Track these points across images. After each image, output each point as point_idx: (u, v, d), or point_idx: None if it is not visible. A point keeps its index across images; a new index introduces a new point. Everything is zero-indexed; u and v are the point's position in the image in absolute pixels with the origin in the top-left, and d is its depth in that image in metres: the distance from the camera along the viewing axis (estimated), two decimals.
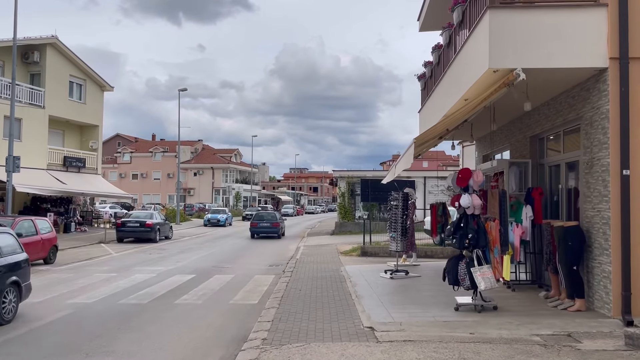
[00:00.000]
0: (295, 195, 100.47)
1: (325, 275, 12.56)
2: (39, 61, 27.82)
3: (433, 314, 7.65)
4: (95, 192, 29.35)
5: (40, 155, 27.25)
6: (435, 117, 11.87)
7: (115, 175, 75.40)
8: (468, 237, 7.56)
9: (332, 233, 29.31)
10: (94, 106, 31.55)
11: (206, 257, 17.92)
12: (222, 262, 16.34)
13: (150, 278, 12.73)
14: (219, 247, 22.24)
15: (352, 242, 22.43)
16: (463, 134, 12.90)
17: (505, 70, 7.30)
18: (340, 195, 31.13)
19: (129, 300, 9.87)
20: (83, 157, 30.59)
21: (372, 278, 11.51)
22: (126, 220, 24.11)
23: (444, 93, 10.51)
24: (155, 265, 15.38)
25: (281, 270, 14.14)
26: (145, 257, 17.81)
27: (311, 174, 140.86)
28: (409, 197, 11.66)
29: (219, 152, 78.74)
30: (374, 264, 14.82)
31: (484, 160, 14.03)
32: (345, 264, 14.94)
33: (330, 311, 8.19)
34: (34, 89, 27.27)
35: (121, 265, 15.31)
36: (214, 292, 10.79)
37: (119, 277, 12.72)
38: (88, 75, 30.92)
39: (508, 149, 11.70)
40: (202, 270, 14.37)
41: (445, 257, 17.39)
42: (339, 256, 17.43)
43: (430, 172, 32.10)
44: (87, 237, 24.92)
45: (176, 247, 21.95)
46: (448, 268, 7.93)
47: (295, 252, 19.74)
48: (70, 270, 14.17)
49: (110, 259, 17.04)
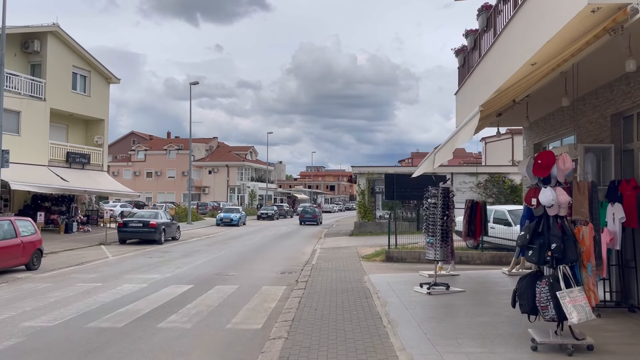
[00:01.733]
0: (312, 193, 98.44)
1: (347, 287, 10.46)
2: (40, 51, 26.22)
3: (503, 356, 5.47)
4: (99, 189, 27.66)
5: (41, 150, 25.64)
6: (480, 95, 9.66)
7: (130, 174, 74.31)
8: (551, 248, 5.38)
9: (351, 234, 27.18)
10: (99, 99, 29.88)
11: (211, 262, 15.94)
12: (228, 269, 14.33)
13: (139, 290, 10.77)
14: (228, 249, 20.28)
15: (374, 244, 20.29)
16: (513, 118, 10.66)
17: (610, 8, 5.09)
18: (360, 193, 28.92)
19: (102, 322, 7.89)
20: (88, 152, 28.94)
21: (405, 293, 9.35)
22: (128, 220, 22.28)
23: (499, 60, 8.29)
24: (151, 272, 13.44)
25: (294, 280, 12.08)
26: (143, 261, 15.91)
27: (328, 172, 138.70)
28: (450, 192, 9.46)
29: (234, 149, 77.10)
30: (403, 272, 12.66)
31: (537, 150, 11.75)
32: (369, 271, 12.82)
33: (356, 346, 6.08)
34: (34, 80, 25.66)
35: (112, 272, 13.40)
36: (210, 311, 8.75)
37: (102, 289, 10.78)
38: (93, 66, 29.25)
39: (573, 133, 9.42)
40: (202, 278, 12.38)
41: (484, 264, 15.18)
42: (361, 261, 15.31)
43: (457, 168, 29.75)
44: (88, 238, 23.19)
45: (181, 249, 20.04)
46: (521, 290, 5.74)
47: (310, 256, 17.66)
48: (50, 279, 12.29)
49: (103, 265, 15.16)
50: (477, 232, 11.54)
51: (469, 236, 11.53)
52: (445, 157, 7.29)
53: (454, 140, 5.97)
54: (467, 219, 11.38)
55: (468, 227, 11.40)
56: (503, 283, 10.34)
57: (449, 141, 6.77)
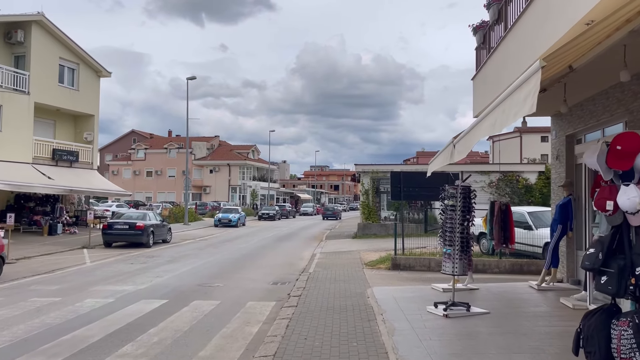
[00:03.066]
0: (316, 193, 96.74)
1: (346, 304, 8.80)
2: (24, 41, 24.67)
3: None
4: (87, 188, 26.07)
5: (24, 147, 24.10)
6: (508, 73, 7.97)
7: (130, 173, 72.88)
8: (636, 273, 3.70)
9: (354, 236, 25.49)
10: (88, 93, 28.32)
11: (197, 269, 14.31)
12: (214, 278, 12.70)
13: (101, 306, 9.14)
14: (220, 254, 18.64)
15: (379, 248, 18.61)
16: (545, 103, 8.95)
17: None
18: (364, 192, 27.23)
19: (31, 357, 6.25)
20: (76, 150, 27.37)
21: (416, 314, 7.67)
22: (113, 221, 20.68)
23: (537, 25, 6.59)
24: (125, 282, 11.82)
25: (286, 293, 10.42)
26: (122, 268, 14.29)
27: (332, 172, 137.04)
28: (472, 192, 7.76)
29: (235, 148, 75.52)
30: (412, 284, 10.99)
31: (569, 143, 10.05)
32: (373, 282, 11.16)
33: None
34: (17, 73, 24.11)
35: (80, 283, 11.78)
36: (176, 338, 7.10)
37: (57, 306, 9.15)
38: (81, 58, 27.69)
39: (623, 119, 7.70)
40: (181, 291, 10.74)
41: (502, 272, 13.40)
42: (364, 269, 13.65)
43: (467, 167, 27.99)
44: (72, 240, 21.62)
45: (169, 253, 18.43)
46: (588, 332, 4.03)
47: (309, 261, 16.00)
48: (4, 291, 10.66)
49: (74, 273, 13.55)
50: (512, 238, 9.87)
51: (504, 243, 9.83)
52: (470, 144, 5.62)
53: (496, 120, 4.27)
54: (500, 223, 9.66)
55: (502, 233, 9.70)
56: (534, 301, 8.64)
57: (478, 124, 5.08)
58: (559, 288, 9.45)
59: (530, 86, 3.46)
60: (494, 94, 8.61)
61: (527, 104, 3.44)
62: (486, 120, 4.71)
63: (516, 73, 7.11)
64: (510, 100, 3.93)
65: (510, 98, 3.94)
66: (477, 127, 5.11)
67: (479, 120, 5.10)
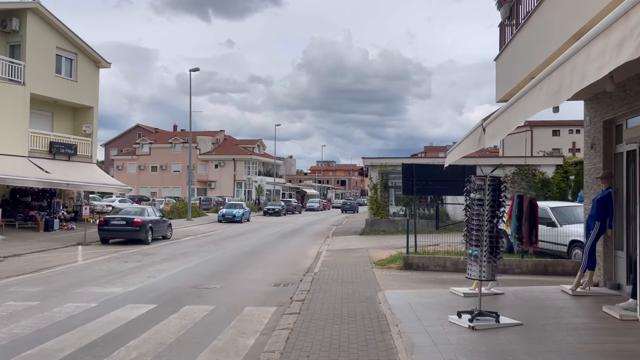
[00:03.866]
0: (322, 188, 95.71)
1: (355, 311, 7.78)
2: (19, 30, 23.76)
3: None
4: (85, 182, 25.18)
5: (19, 140, 23.22)
6: (546, 46, 6.90)
7: (134, 168, 72.16)
8: None
9: (361, 233, 24.44)
10: (87, 84, 27.41)
11: (195, 268, 13.35)
12: (211, 278, 11.72)
13: (81, 312, 8.18)
14: (221, 251, 17.68)
15: (388, 245, 17.58)
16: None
17: None
18: (372, 187, 26.12)
19: None
20: (74, 143, 26.49)
21: (437, 325, 6.62)
22: (110, 217, 19.77)
23: None
24: (114, 283, 10.86)
25: (288, 297, 9.41)
26: (114, 267, 13.35)
27: (339, 167, 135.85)
28: (502, 184, 6.67)
29: (241, 142, 74.55)
30: (427, 287, 9.95)
31: (607, 130, 8.93)
32: (384, 285, 10.13)
33: None
34: (12, 63, 23.22)
35: (65, 284, 10.84)
36: (158, 353, 6.11)
37: (33, 311, 8.19)
38: (79, 48, 26.76)
39: None
40: (173, 294, 9.77)
41: (524, 273, 12.24)
42: (373, 269, 12.63)
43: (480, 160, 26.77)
44: (68, 237, 20.75)
45: (168, 250, 17.49)
46: None
47: (314, 260, 14.99)
48: None
49: (62, 273, 12.62)
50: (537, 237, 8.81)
51: (533, 243, 8.75)
52: (511, 124, 4.56)
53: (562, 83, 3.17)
54: (529, 220, 8.58)
55: (532, 232, 8.61)
56: (571, 309, 7.57)
57: (527, 96, 4.01)
58: (596, 293, 8.36)
59: (631, 22, 2.39)
60: (526, 71, 7.53)
61: (627, 47, 2.39)
62: (542, 88, 3.63)
63: (560, 42, 6.03)
64: (588, 52, 2.88)
65: (588, 49, 2.88)
66: (525, 100, 4.04)
67: (527, 91, 4.03)
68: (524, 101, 4.07)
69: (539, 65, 7.15)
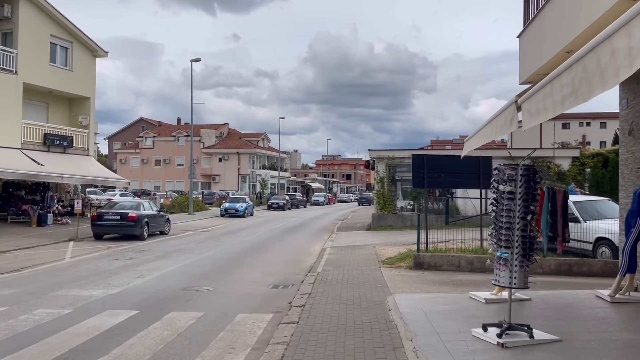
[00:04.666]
0: (327, 182, 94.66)
1: (362, 320, 6.77)
2: (11, 17, 22.79)
3: None
4: (81, 175, 24.25)
5: (11, 131, 22.28)
6: (577, 16, 5.85)
7: (137, 161, 71.38)
8: None
9: (368, 228, 23.42)
10: (83, 74, 26.43)
11: (188, 267, 12.39)
12: (205, 279, 10.74)
13: (50, 320, 7.21)
14: (220, 247, 16.72)
15: (396, 242, 16.59)
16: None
17: None
18: (379, 181, 25.03)
19: None
20: (70, 134, 25.54)
21: (459, 340, 5.60)
22: (104, 211, 18.84)
23: None
24: (96, 285, 9.91)
25: (287, 301, 8.42)
26: (102, 266, 12.41)
27: (344, 161, 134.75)
28: (537, 175, 5.61)
29: (245, 136, 73.56)
30: (442, 289, 8.93)
31: None
32: (394, 287, 9.12)
33: None
34: (4, 51, 22.27)
35: (43, 285, 9.89)
36: None
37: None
38: (75, 36, 25.76)
39: None
40: (159, 298, 8.80)
41: (546, 273, 11.01)
42: (381, 268, 11.63)
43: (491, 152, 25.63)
44: (61, 232, 19.87)
45: (163, 247, 16.55)
46: None
47: (317, 257, 14.00)
48: None
49: (45, 272, 11.69)
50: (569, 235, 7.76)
51: (567, 241, 7.70)
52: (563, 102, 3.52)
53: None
54: (563, 215, 7.52)
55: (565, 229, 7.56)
56: (614, 321, 6.52)
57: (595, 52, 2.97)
58: (639, 300, 7.30)
59: None
60: (558, 45, 6.45)
61: None
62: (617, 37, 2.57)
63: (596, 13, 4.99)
64: None
65: None
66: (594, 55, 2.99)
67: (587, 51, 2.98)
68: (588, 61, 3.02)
69: (577, 35, 6.09)
